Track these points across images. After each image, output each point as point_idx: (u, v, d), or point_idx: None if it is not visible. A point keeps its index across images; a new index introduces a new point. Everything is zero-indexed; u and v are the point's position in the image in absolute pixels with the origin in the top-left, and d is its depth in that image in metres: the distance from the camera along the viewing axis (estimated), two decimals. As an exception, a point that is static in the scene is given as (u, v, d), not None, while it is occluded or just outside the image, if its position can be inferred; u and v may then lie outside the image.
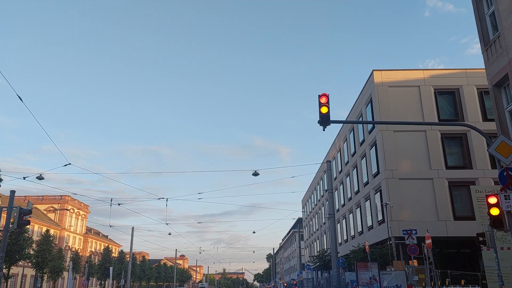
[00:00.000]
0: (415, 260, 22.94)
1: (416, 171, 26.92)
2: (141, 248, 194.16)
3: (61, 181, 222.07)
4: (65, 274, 73.11)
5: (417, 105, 28.22)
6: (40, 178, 28.61)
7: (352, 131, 35.40)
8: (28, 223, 21.63)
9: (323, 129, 11.94)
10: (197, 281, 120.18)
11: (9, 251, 40.45)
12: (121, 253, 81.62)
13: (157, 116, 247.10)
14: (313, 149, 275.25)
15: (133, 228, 53.78)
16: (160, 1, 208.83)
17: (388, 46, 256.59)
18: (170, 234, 56.71)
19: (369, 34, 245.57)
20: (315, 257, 41.57)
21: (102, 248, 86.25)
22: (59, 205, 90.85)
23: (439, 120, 27.99)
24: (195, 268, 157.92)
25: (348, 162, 37.41)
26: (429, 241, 19.47)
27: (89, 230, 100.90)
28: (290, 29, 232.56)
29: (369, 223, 30.64)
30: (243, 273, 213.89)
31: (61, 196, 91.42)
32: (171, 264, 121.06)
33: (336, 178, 41.66)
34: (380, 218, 27.98)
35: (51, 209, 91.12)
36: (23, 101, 15.83)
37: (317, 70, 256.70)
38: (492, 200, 10.20)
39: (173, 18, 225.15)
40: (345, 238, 38.52)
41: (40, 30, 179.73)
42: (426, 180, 26.73)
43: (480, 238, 15.34)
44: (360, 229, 33.42)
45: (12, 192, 21.63)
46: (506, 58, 14.03)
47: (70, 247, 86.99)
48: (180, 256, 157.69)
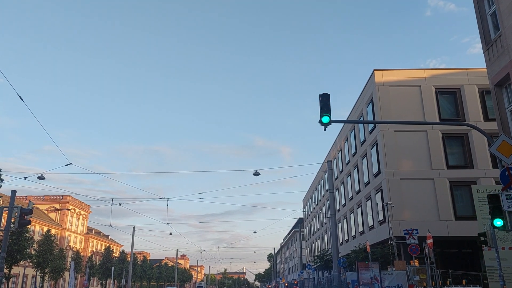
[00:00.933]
0: (416, 260, 22.93)
1: (417, 171, 26.89)
2: (142, 248, 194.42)
3: (62, 181, 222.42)
4: (66, 274, 73.40)
5: (418, 104, 28.20)
6: (41, 178, 28.63)
7: (353, 131, 35.38)
8: (29, 223, 21.65)
9: (324, 129, 11.93)
10: (198, 281, 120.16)
11: (10, 251, 40.52)
12: (122, 253, 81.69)
13: (158, 116, 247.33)
14: (314, 149, 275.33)
15: (134, 228, 53.86)
16: (161, 1, 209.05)
17: (389, 46, 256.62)
18: (171, 234, 56.56)
19: (370, 34, 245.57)
20: (316, 257, 41.58)
21: (103, 248, 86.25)
22: (60, 205, 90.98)
23: (440, 120, 27.98)
24: (196, 268, 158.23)
25: (349, 162, 37.40)
26: (430, 241, 19.45)
27: (90, 230, 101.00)
28: (292, 29, 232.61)
29: (370, 223, 30.63)
30: (244, 273, 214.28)
31: (62, 196, 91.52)
32: (172, 264, 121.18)
33: (337, 178, 41.64)
34: (381, 218, 27.96)
35: (52, 209, 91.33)
36: (24, 101, 15.84)
37: (318, 70, 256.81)
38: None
39: (174, 18, 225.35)
40: (346, 238, 38.52)
41: (41, 30, 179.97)
42: (427, 180, 26.70)
43: (482, 238, 15.33)
44: (361, 229, 33.41)
45: (13, 192, 21.67)
46: (507, 58, 14.00)
47: (71, 247, 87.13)
48: (181, 256, 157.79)
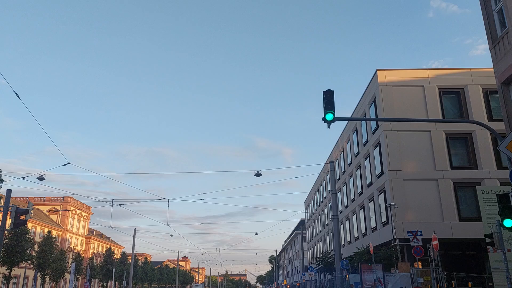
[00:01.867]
0: (420, 262, 22.60)
1: (421, 172, 26.57)
2: (144, 249, 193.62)
3: (64, 183, 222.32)
4: (67, 275, 73.12)
5: (421, 105, 27.88)
6: (40, 178, 28.36)
7: (356, 132, 35.07)
8: (24, 223, 21.35)
9: (328, 126, 11.60)
10: (194, 283, 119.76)
11: (10, 252, 40.34)
12: (123, 254, 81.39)
13: (159, 117, 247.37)
14: (316, 151, 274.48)
15: (135, 229, 53.40)
16: (162, 2, 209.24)
17: (392, 47, 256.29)
18: (172, 235, 55.97)
19: (372, 35, 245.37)
20: (318, 259, 41.16)
21: (104, 249, 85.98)
22: (61, 206, 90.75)
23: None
24: (197, 270, 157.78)
25: (351, 163, 37.08)
26: (436, 242, 19.12)
27: (91, 231, 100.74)
28: (293, 30, 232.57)
29: (373, 224, 30.29)
30: (245, 275, 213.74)
31: (63, 197, 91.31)
32: (174, 266, 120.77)
33: (339, 179, 41.32)
34: (384, 219, 27.62)
35: (53, 210, 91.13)
36: (21, 99, 15.58)
37: (320, 71, 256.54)
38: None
39: (174, 18, 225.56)
40: (349, 239, 38.17)
41: (42, 31, 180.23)
42: (430, 180, 26.37)
43: (488, 240, 15.02)
44: (363, 230, 33.06)
45: (8, 192, 21.36)
46: (514, 55, 13.70)
47: (72, 248, 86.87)
48: (183, 257, 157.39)
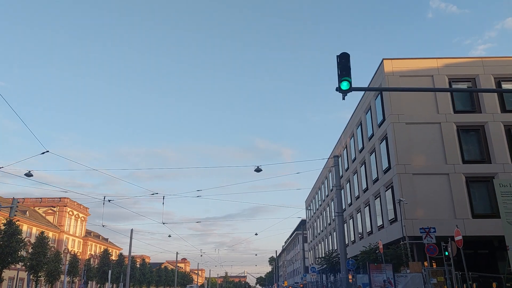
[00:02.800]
0: (434, 262, 21.10)
1: (431, 166, 25.08)
2: (143, 251, 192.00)
3: (63, 184, 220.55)
4: (62, 277, 71.53)
5: (430, 95, 26.42)
6: (28, 175, 26.98)
7: (360, 126, 33.58)
8: None
9: (343, 98, 10.14)
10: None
11: (1, 253, 38.77)
12: (120, 256, 79.59)
13: (160, 118, 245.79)
14: (316, 151, 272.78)
15: (132, 230, 51.81)
16: (165, 2, 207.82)
17: (391, 48, 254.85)
18: (170, 236, 54.41)
19: (371, 36, 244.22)
20: (322, 259, 39.48)
21: (102, 251, 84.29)
22: (58, 207, 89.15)
23: (454, 112, 26.20)
24: (196, 272, 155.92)
25: (355, 159, 35.59)
26: (459, 238, 17.47)
27: (88, 233, 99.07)
28: (295, 31, 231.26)
29: (379, 222, 28.78)
30: (245, 277, 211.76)
31: (60, 198, 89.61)
32: (172, 267, 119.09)
33: (342, 176, 39.78)
34: (391, 216, 26.11)
35: (50, 211, 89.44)
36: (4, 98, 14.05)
37: (320, 72, 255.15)
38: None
39: (175, 19, 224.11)
40: (353, 239, 36.62)
41: (43, 31, 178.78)
42: (441, 175, 24.86)
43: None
44: (369, 229, 31.54)
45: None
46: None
47: (69, 250, 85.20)
48: (182, 259, 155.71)
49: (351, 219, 37.03)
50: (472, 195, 24.53)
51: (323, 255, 42.69)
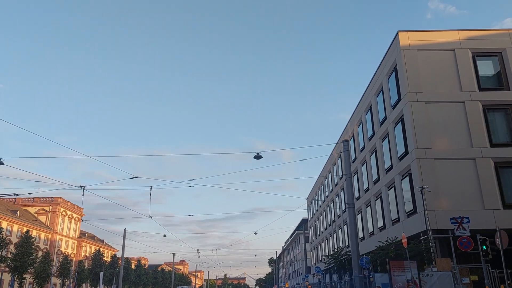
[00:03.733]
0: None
1: (455, 150, 22.03)
2: (141, 253, 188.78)
3: (60, 186, 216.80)
4: (55, 280, 68.47)
5: (452, 71, 23.42)
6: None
7: (370, 111, 30.52)
8: None
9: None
10: (197, 287, 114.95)
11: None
12: (114, 257, 76.35)
13: (160, 119, 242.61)
14: (317, 151, 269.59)
15: (125, 230, 48.66)
16: (162, 2, 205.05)
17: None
18: (165, 235, 51.41)
19: (371, 36, 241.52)
20: (329, 257, 36.18)
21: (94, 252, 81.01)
22: (51, 207, 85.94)
23: (480, 90, 23.20)
24: (195, 273, 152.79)
25: (364, 147, 32.53)
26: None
27: (83, 234, 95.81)
28: (295, 31, 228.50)
29: (394, 216, 25.73)
30: (244, 278, 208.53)
31: (53, 198, 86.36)
32: (170, 269, 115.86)
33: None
34: (409, 208, 23.06)
35: (42, 211, 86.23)
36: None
37: (320, 72, 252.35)
38: None
39: (175, 20, 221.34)
40: (361, 236, 33.50)
41: (43, 32, 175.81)
42: (467, 160, 21.81)
43: None
44: (381, 224, 28.48)
45: None
46: None
47: (62, 251, 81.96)
48: (180, 261, 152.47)
49: (359, 214, 33.90)
50: (503, 182, 21.46)
51: (329, 253, 39.51)
